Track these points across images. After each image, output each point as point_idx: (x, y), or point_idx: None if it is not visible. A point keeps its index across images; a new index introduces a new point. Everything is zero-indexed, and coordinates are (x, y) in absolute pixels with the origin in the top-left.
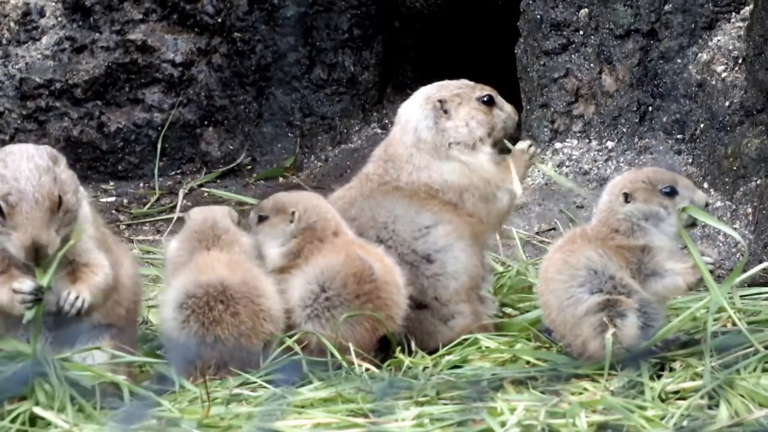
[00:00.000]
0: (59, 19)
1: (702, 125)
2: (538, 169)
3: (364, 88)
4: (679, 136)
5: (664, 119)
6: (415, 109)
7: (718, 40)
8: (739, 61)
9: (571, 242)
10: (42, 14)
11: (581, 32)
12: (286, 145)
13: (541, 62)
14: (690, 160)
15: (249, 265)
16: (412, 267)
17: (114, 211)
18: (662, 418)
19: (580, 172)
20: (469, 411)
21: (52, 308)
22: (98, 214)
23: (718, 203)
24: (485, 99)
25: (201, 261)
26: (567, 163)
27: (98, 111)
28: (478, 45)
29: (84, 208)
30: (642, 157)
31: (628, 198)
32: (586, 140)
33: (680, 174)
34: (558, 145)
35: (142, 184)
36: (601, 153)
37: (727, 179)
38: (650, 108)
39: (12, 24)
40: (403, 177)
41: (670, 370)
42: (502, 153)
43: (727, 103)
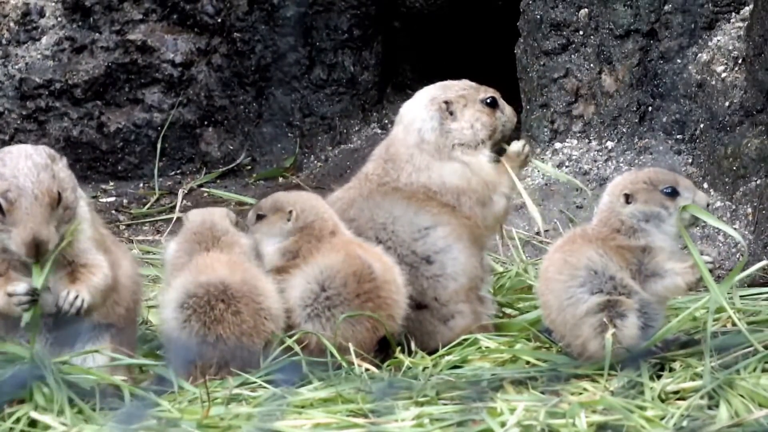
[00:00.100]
0: (59, 19)
1: (702, 125)
2: (535, 167)
3: (364, 89)
4: (678, 137)
5: (664, 119)
6: (419, 110)
7: (718, 41)
8: (739, 62)
9: (571, 242)
10: (42, 14)
11: (581, 32)
12: (286, 145)
13: (541, 62)
14: (690, 161)
15: (248, 265)
16: (412, 268)
17: (114, 212)
18: (662, 419)
19: (580, 173)
20: (469, 411)
21: (52, 309)
22: (97, 215)
23: (718, 203)
24: (489, 101)
25: (201, 261)
26: (567, 164)
27: (98, 111)
28: (478, 45)
29: (82, 209)
30: (642, 158)
31: (629, 199)
32: (586, 140)
33: (681, 174)
34: (558, 146)
35: (141, 185)
36: (600, 153)
37: (726, 179)
38: (650, 108)
39: (12, 24)
40: (402, 178)
41: (670, 370)
42: (498, 154)
43: (727, 104)
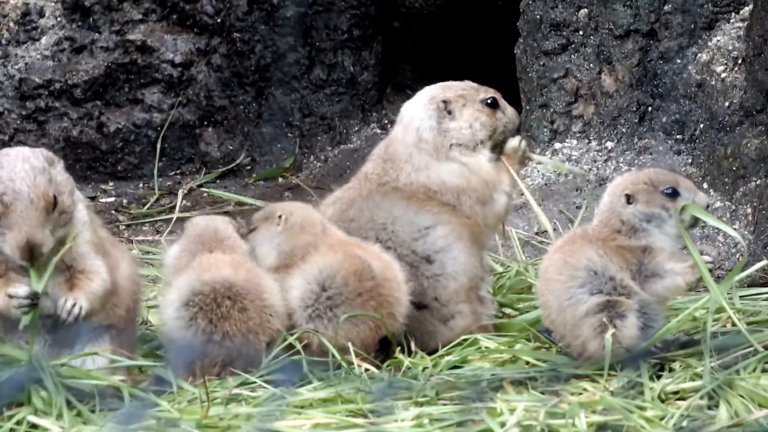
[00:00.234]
0: (59, 19)
1: (701, 125)
2: (535, 161)
3: (364, 89)
4: (678, 137)
5: (664, 119)
6: (418, 109)
7: (718, 41)
8: (739, 62)
9: (571, 243)
10: (41, 14)
11: (581, 32)
12: (286, 145)
13: (541, 62)
14: (689, 161)
15: (251, 264)
16: (412, 267)
17: (113, 212)
18: (662, 419)
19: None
20: (469, 411)
21: (50, 311)
22: (96, 217)
23: (718, 203)
24: (489, 101)
25: (204, 260)
26: (566, 164)
27: (98, 111)
28: (478, 45)
29: (80, 212)
30: (641, 158)
31: (629, 199)
32: (586, 140)
33: (681, 175)
34: (557, 146)
35: (141, 185)
36: (600, 153)
37: (726, 179)
38: (650, 108)
39: (11, 24)
40: (402, 177)
41: (670, 370)
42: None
43: (727, 104)
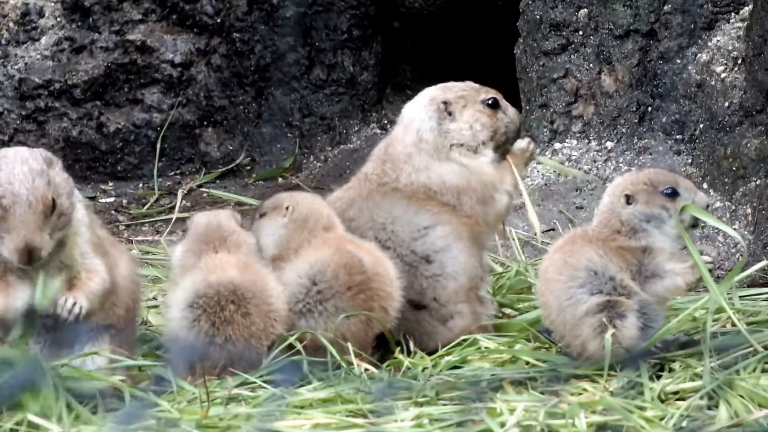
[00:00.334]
0: (58, 19)
1: (701, 126)
2: (539, 162)
3: (364, 89)
4: (678, 137)
5: (664, 120)
6: (418, 110)
7: (718, 41)
8: (739, 62)
9: (571, 243)
10: (41, 14)
11: (581, 32)
12: (286, 145)
13: (541, 62)
14: (689, 161)
15: (258, 266)
16: (411, 267)
17: (113, 212)
18: (662, 419)
19: (579, 173)
20: (469, 411)
21: (50, 311)
22: (95, 217)
23: (718, 204)
24: (490, 102)
25: (210, 261)
26: (566, 164)
27: (97, 111)
28: (478, 45)
29: (79, 212)
30: (641, 158)
31: (629, 200)
32: (586, 141)
33: (681, 175)
34: (557, 146)
35: (141, 185)
36: (600, 153)
37: (726, 180)
38: (650, 108)
39: (11, 24)
40: (402, 178)
41: (670, 370)
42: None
43: (727, 104)
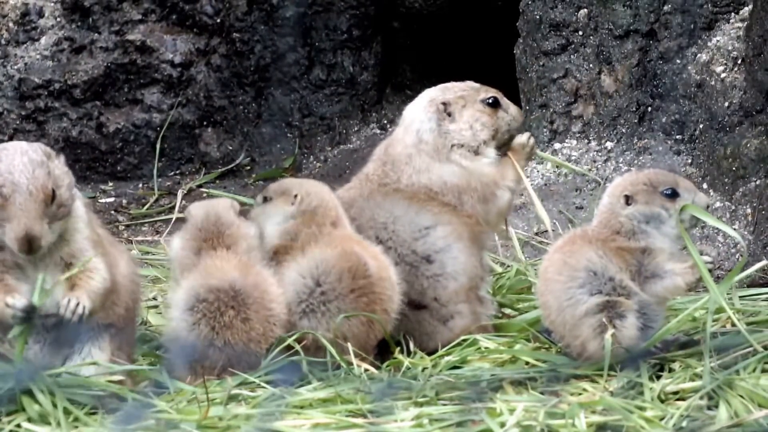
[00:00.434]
0: (58, 19)
1: (701, 126)
2: (540, 159)
3: (363, 89)
4: (678, 137)
5: (664, 120)
6: (418, 111)
7: (718, 41)
8: (739, 62)
9: (571, 243)
10: (41, 15)
11: (580, 33)
12: (285, 145)
13: (541, 63)
14: (689, 161)
15: (258, 268)
16: (412, 267)
17: (113, 212)
18: (662, 419)
19: (579, 172)
20: (469, 411)
21: (50, 310)
22: (94, 215)
23: (718, 204)
24: (490, 101)
25: (210, 262)
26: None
27: (97, 111)
28: (478, 45)
29: (79, 209)
30: (641, 158)
31: (629, 200)
32: (586, 141)
33: (681, 175)
34: (557, 146)
35: (141, 185)
36: (600, 153)
37: (726, 180)
38: (649, 108)
39: (11, 24)
40: (403, 179)
41: (670, 370)
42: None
43: (727, 104)
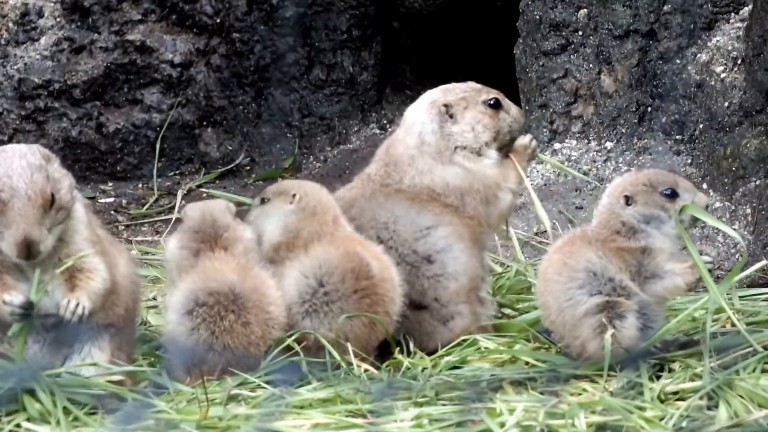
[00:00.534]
0: (58, 19)
1: (701, 126)
2: (541, 161)
3: (363, 89)
4: (678, 137)
5: (663, 120)
6: (420, 113)
7: (717, 41)
8: (738, 62)
9: (570, 243)
10: (40, 15)
11: (580, 33)
12: (285, 145)
13: (540, 63)
14: (689, 161)
15: (257, 270)
16: (413, 267)
17: (113, 212)
18: (661, 419)
19: (580, 173)
20: (468, 412)
21: (50, 310)
22: (94, 216)
23: (717, 204)
24: (491, 102)
25: (208, 265)
26: (566, 164)
27: (97, 111)
28: (478, 45)
29: (78, 211)
30: (641, 158)
31: (628, 201)
32: (585, 141)
33: (680, 175)
34: (557, 146)
35: (140, 185)
36: (600, 153)
37: (726, 180)
38: (649, 108)
39: (10, 24)
40: (405, 180)
41: (670, 370)
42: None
43: (726, 104)
